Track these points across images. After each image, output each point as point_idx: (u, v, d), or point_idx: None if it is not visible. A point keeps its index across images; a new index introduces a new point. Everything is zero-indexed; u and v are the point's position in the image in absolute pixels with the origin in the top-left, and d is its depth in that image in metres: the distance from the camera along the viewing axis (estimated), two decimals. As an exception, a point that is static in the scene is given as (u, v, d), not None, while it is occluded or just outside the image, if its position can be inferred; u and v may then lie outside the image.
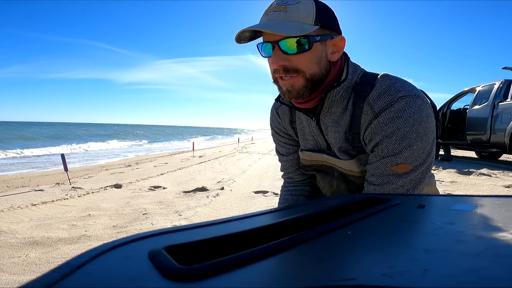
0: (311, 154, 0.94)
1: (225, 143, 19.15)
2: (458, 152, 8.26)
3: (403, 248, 0.28)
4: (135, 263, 0.25)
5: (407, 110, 0.74)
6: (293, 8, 0.71)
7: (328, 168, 0.93)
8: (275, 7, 0.72)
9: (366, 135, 0.79)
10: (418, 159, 0.76)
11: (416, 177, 0.77)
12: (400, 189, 0.77)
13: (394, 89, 0.76)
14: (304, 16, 0.71)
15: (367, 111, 0.78)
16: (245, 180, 4.30)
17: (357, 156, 0.84)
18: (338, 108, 0.82)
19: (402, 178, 0.76)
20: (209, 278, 0.22)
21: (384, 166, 0.77)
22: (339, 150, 0.86)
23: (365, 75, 0.82)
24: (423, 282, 0.21)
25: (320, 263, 0.26)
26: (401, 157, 0.75)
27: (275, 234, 0.34)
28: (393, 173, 0.77)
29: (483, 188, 3.33)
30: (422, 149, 0.75)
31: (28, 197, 3.47)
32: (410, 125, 0.73)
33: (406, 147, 0.74)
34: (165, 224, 2.32)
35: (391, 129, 0.74)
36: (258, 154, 8.78)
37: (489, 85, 5.62)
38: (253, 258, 0.26)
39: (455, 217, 0.37)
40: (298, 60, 0.74)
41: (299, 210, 0.43)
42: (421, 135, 0.75)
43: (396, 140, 0.74)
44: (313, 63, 0.75)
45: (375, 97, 0.77)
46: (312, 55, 0.74)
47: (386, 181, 0.77)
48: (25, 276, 1.54)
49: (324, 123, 0.86)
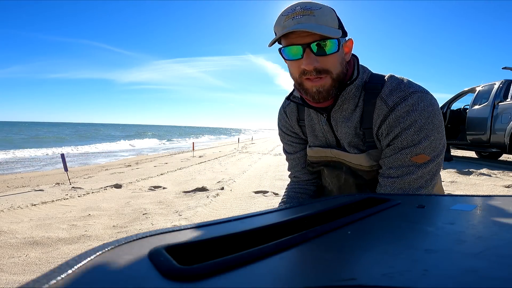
0: (320, 149, 0.96)
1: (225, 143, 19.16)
2: (458, 152, 8.26)
3: (403, 248, 0.28)
4: (135, 263, 0.25)
5: (421, 104, 0.78)
6: (319, 13, 0.74)
7: (336, 163, 0.95)
8: (301, 11, 0.74)
9: (383, 129, 0.81)
10: (435, 149, 0.79)
11: (434, 168, 0.80)
12: (419, 180, 0.79)
13: (404, 86, 0.81)
14: (331, 20, 0.75)
15: (381, 106, 0.81)
16: (245, 180, 4.30)
17: (368, 151, 0.86)
18: (349, 105, 0.86)
19: (422, 168, 0.79)
20: (209, 278, 0.22)
21: (404, 157, 0.79)
22: (349, 145, 0.89)
23: (373, 75, 0.87)
24: (423, 282, 0.21)
25: (320, 263, 0.26)
26: (420, 147, 0.78)
27: (275, 234, 0.34)
28: (412, 163, 0.79)
29: (483, 188, 3.33)
30: (439, 140, 0.79)
31: (28, 197, 3.47)
32: (426, 117, 0.77)
33: (425, 137, 0.77)
34: (165, 224, 2.32)
35: (409, 121, 0.78)
36: (258, 154, 8.79)
37: (489, 85, 5.62)
38: (253, 258, 0.26)
39: (455, 217, 0.37)
40: (328, 62, 0.77)
41: (299, 210, 0.43)
42: (437, 127, 0.78)
43: (414, 131, 0.77)
44: (338, 63, 0.79)
45: (387, 92, 0.81)
46: (338, 56, 0.79)
47: (406, 172, 0.79)
48: (25, 276, 1.54)
49: (334, 119, 0.89)
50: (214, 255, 0.28)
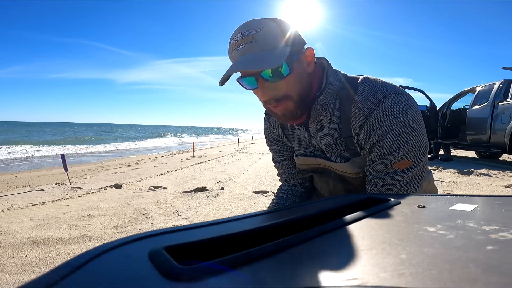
0: (306, 159, 0.96)
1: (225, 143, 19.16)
2: (458, 152, 8.26)
3: (403, 248, 0.28)
4: (135, 263, 0.25)
5: (395, 107, 0.75)
6: (260, 36, 0.69)
7: (324, 169, 0.94)
8: (242, 39, 0.70)
9: (361, 137, 0.80)
10: (417, 153, 0.77)
11: (418, 172, 0.78)
12: (406, 186, 0.78)
13: (377, 89, 0.78)
14: (275, 41, 0.70)
15: (356, 113, 0.79)
16: (245, 180, 4.30)
17: (352, 159, 0.85)
18: (324, 115, 0.83)
19: (406, 174, 0.77)
20: (209, 278, 0.22)
21: (385, 165, 0.78)
22: (331, 154, 0.88)
23: (347, 79, 0.83)
24: (423, 282, 0.21)
25: (320, 263, 0.26)
26: (400, 153, 0.76)
27: (275, 234, 0.34)
28: (395, 170, 0.77)
29: (483, 188, 3.33)
30: (419, 143, 0.76)
31: (28, 197, 3.47)
32: (402, 121, 0.75)
33: (403, 142, 0.75)
34: (165, 224, 2.33)
35: (385, 127, 0.75)
36: (258, 154, 8.78)
37: (489, 85, 5.62)
38: (252, 258, 0.26)
39: (455, 217, 0.37)
40: (285, 86, 0.74)
41: (299, 210, 0.43)
42: (415, 129, 0.76)
43: (392, 137, 0.75)
44: (297, 83, 0.76)
45: (361, 98, 0.78)
46: (295, 76, 0.75)
47: (391, 180, 0.78)
48: (25, 276, 1.54)
49: (313, 130, 0.88)
50: (214, 255, 0.28)
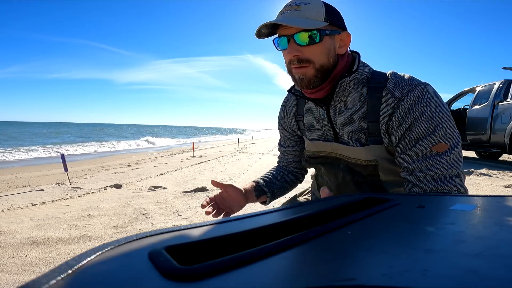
0: (320, 143, 0.97)
1: (225, 143, 19.16)
2: (458, 152, 8.25)
3: (403, 248, 0.28)
4: (135, 263, 0.25)
5: (427, 95, 0.79)
6: (305, 8, 0.80)
7: (334, 160, 0.95)
8: (289, 7, 0.81)
9: (394, 121, 0.81)
10: (452, 137, 0.78)
11: (456, 157, 0.78)
12: (449, 169, 0.76)
13: (408, 79, 0.83)
14: (315, 14, 0.80)
15: (388, 98, 0.82)
16: (245, 180, 4.30)
17: (369, 145, 0.86)
18: (348, 97, 0.87)
19: (446, 157, 0.77)
20: (209, 278, 0.22)
21: (424, 148, 0.78)
22: (349, 138, 0.89)
23: (375, 72, 0.89)
24: (423, 282, 0.21)
25: (320, 263, 0.26)
26: (437, 136, 0.77)
27: (275, 234, 0.34)
28: (434, 153, 0.77)
29: (483, 188, 3.33)
30: (453, 128, 0.79)
31: (28, 197, 3.47)
32: (433, 106, 0.78)
33: (438, 125, 0.77)
34: (165, 224, 2.32)
35: (419, 111, 0.78)
36: (258, 154, 8.78)
37: (489, 85, 5.62)
38: (253, 258, 0.26)
39: (455, 217, 0.37)
40: (310, 52, 0.82)
41: (299, 210, 0.43)
42: (446, 115, 0.79)
43: (426, 120, 0.78)
44: (323, 54, 0.83)
45: (392, 85, 0.83)
46: (322, 47, 0.82)
47: (433, 163, 0.77)
48: (25, 276, 1.54)
49: (334, 112, 0.90)
50: (214, 255, 0.28)
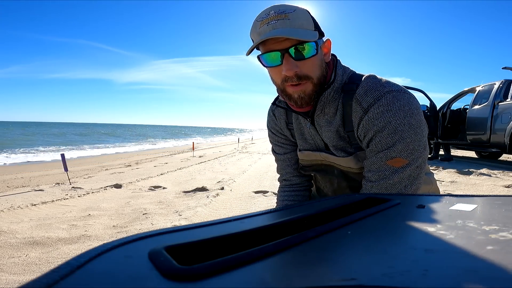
0: (310, 153, 0.95)
1: (225, 143, 19.16)
2: (458, 152, 8.26)
3: (403, 248, 0.28)
4: (135, 263, 0.25)
5: (396, 104, 0.74)
6: (294, 16, 0.72)
7: (328, 167, 0.93)
8: (274, 16, 0.72)
9: (360, 131, 0.80)
10: (413, 152, 0.75)
11: (414, 172, 0.76)
12: (397, 185, 0.76)
13: (379, 85, 0.78)
14: (306, 22, 0.73)
15: (356, 108, 0.79)
16: (245, 180, 4.30)
17: (355, 153, 0.84)
18: (330, 108, 0.84)
19: (399, 173, 0.75)
20: (209, 278, 0.22)
21: (379, 161, 0.76)
22: (335, 148, 0.87)
23: (353, 75, 0.84)
24: (423, 282, 0.21)
25: (320, 263, 0.26)
26: (395, 150, 0.74)
27: (275, 234, 0.34)
28: (389, 167, 0.76)
29: (483, 188, 3.33)
30: (417, 142, 0.75)
31: (28, 197, 3.47)
32: (401, 117, 0.74)
33: (399, 139, 0.74)
34: (165, 224, 2.32)
35: (382, 123, 0.75)
36: (258, 154, 8.78)
37: (489, 85, 5.62)
38: (253, 258, 0.26)
39: (455, 217, 0.37)
40: (307, 66, 0.75)
41: (299, 210, 0.43)
42: (414, 127, 0.74)
43: (388, 134, 0.74)
44: (319, 67, 0.78)
45: (362, 93, 0.78)
46: (317, 59, 0.77)
47: (383, 177, 0.76)
48: (25, 276, 1.54)
49: (318, 124, 0.88)
50: (214, 255, 0.28)
